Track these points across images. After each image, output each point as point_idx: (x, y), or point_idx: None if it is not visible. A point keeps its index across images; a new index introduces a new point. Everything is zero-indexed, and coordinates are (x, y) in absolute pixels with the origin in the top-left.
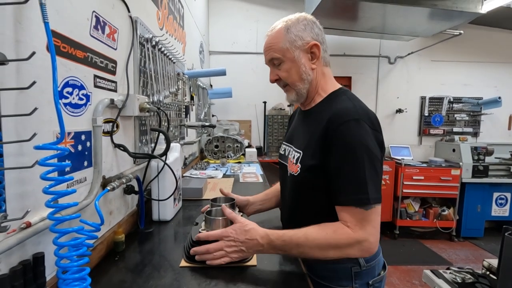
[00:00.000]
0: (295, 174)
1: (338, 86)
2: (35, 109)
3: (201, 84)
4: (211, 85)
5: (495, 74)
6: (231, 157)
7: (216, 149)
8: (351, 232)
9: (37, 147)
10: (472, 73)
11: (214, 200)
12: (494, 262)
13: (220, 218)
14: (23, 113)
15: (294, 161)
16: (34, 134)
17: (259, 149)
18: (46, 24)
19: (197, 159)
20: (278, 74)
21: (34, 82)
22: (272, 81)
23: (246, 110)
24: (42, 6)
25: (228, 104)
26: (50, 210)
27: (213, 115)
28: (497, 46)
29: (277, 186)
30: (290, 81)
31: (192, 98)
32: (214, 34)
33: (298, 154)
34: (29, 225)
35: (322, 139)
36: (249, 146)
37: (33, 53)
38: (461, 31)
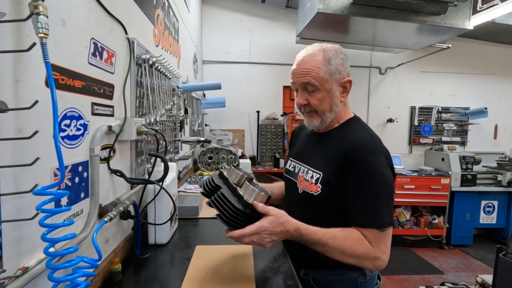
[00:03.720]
0: (315, 194)
1: (352, 114)
2: (37, 159)
3: (194, 96)
4: (204, 95)
5: (481, 85)
6: (225, 168)
7: (209, 160)
8: (371, 247)
9: (36, 193)
10: (460, 84)
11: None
12: (487, 278)
13: (262, 193)
14: (22, 161)
15: (314, 181)
16: (36, 185)
17: (252, 159)
18: (47, 63)
19: (190, 171)
20: (309, 100)
21: (36, 132)
22: (300, 105)
23: (240, 120)
24: (43, 46)
25: (221, 114)
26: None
27: (206, 125)
28: (483, 58)
29: (279, 184)
30: (321, 110)
31: (186, 111)
32: (207, 43)
33: (318, 175)
34: (24, 270)
35: (342, 165)
36: (243, 156)
37: (36, 102)
38: (449, 45)
